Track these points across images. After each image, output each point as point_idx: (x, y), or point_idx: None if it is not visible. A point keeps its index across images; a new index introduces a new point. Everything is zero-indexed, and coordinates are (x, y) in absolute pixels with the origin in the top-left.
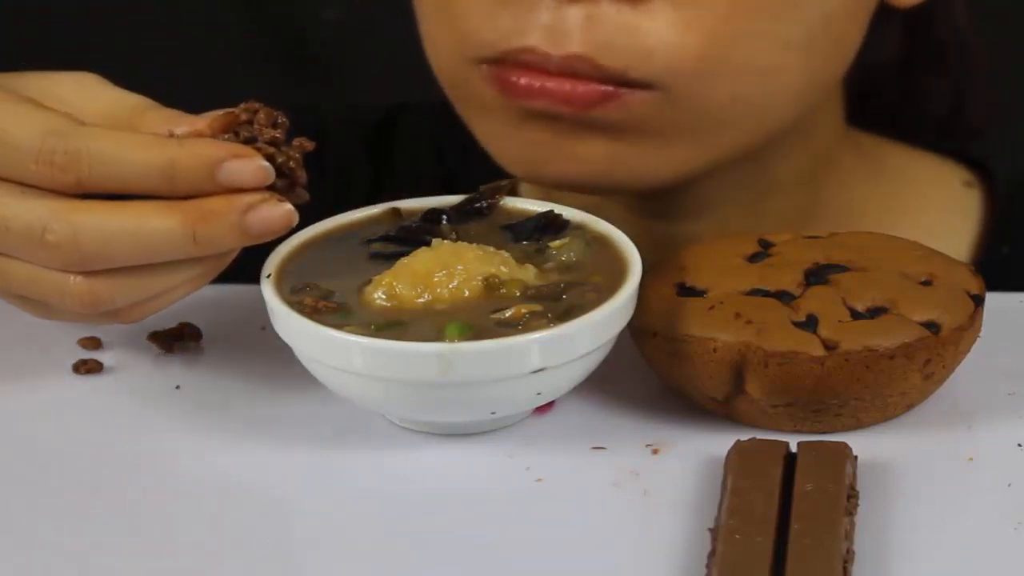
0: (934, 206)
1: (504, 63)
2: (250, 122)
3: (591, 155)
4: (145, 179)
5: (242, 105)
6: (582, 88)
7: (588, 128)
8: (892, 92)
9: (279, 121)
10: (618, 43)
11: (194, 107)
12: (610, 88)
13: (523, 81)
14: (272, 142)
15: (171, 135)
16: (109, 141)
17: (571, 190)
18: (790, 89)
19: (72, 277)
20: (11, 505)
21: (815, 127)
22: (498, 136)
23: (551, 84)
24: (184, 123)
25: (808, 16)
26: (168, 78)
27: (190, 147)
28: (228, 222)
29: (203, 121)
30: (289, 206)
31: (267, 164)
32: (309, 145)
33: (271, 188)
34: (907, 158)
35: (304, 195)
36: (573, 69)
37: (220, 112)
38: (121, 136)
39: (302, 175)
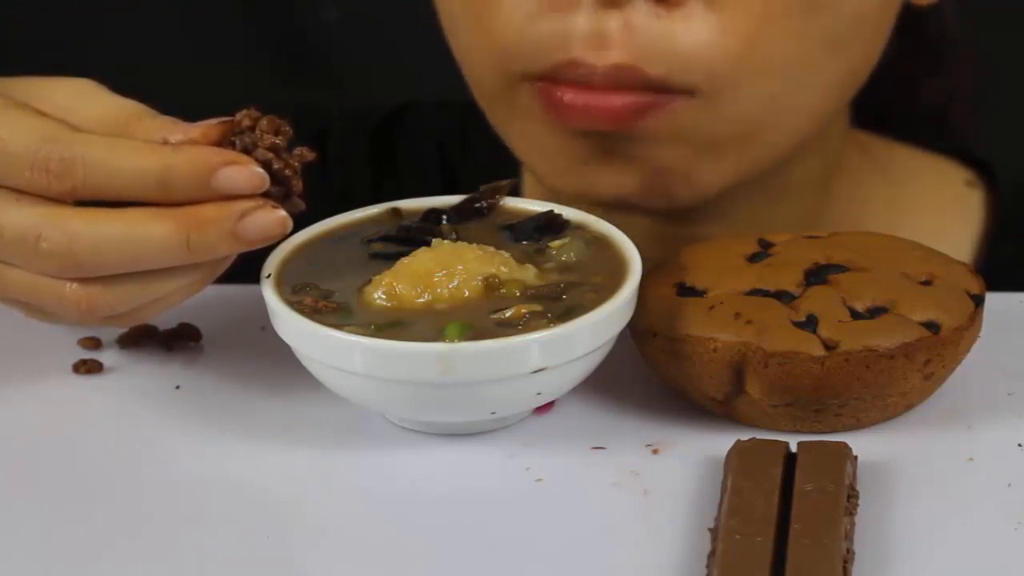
0: (937, 206)
1: (549, 79)
2: (252, 128)
3: (635, 172)
4: (140, 186)
5: (243, 111)
6: (627, 100)
7: (633, 143)
8: (884, 87)
9: (282, 129)
10: (658, 49)
11: (195, 107)
12: (651, 98)
13: (567, 97)
14: (272, 148)
15: (166, 143)
16: (104, 148)
17: (612, 208)
18: (823, 89)
19: (69, 284)
20: (11, 505)
21: (829, 129)
22: (538, 151)
23: (595, 100)
24: (179, 131)
25: (841, 15)
26: (168, 79)
27: (185, 154)
28: (222, 229)
29: (198, 129)
30: (283, 213)
31: (262, 171)
32: (309, 155)
33: (266, 195)
34: (910, 158)
35: (300, 204)
36: (618, 79)
37: (215, 120)
38: (116, 143)
39: (298, 184)
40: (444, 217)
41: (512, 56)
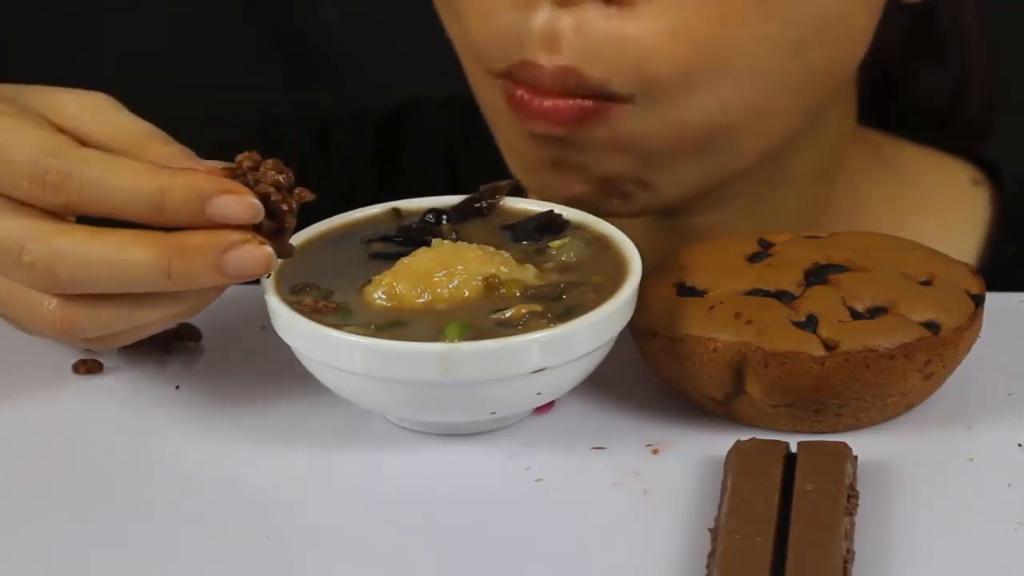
0: (943, 205)
1: (509, 77)
2: (255, 168)
3: (585, 179)
4: (134, 206)
5: (244, 154)
6: (569, 104)
7: (579, 151)
8: (894, 85)
9: (285, 171)
10: (604, 52)
11: (195, 107)
12: (590, 104)
13: (518, 94)
14: (274, 184)
15: (166, 167)
16: (102, 165)
17: (587, 210)
18: (787, 92)
19: (47, 302)
20: (11, 505)
21: (827, 124)
22: (511, 148)
23: (543, 102)
24: (183, 164)
25: (801, 19)
26: (168, 79)
27: (182, 178)
28: (205, 259)
29: (202, 166)
30: (269, 250)
31: (257, 202)
32: (308, 196)
33: (257, 228)
34: (916, 157)
35: (290, 249)
36: (563, 82)
37: (221, 165)
38: (116, 162)
39: (292, 222)
40: (444, 217)
41: (478, 51)
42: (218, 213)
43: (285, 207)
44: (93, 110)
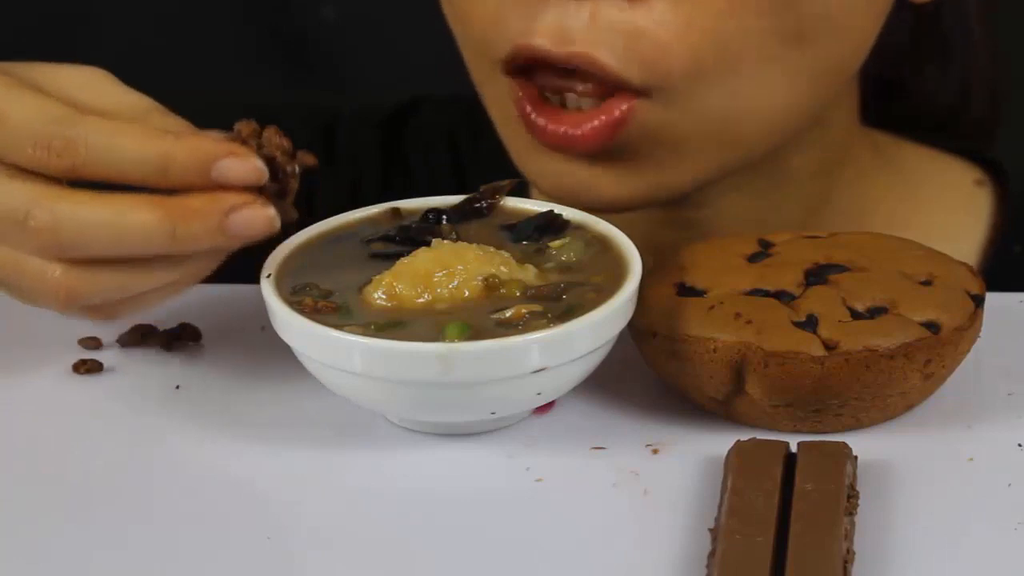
0: (946, 205)
1: (516, 60)
2: (257, 136)
3: (606, 177)
4: (140, 170)
5: (241, 122)
6: (596, 125)
7: (603, 154)
8: (898, 85)
9: (286, 138)
10: (618, 43)
11: (195, 107)
12: (616, 114)
13: (541, 122)
14: (279, 148)
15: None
16: (108, 131)
17: (593, 209)
18: (794, 85)
19: (51, 270)
20: (11, 505)
21: (829, 121)
22: (521, 145)
23: (570, 129)
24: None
25: (806, 11)
26: (169, 77)
27: (187, 142)
28: (209, 221)
29: (203, 135)
30: (272, 211)
31: (261, 164)
32: (311, 160)
33: (260, 191)
34: (920, 157)
35: (293, 213)
36: (574, 67)
37: (221, 134)
38: (120, 126)
39: (294, 184)
40: (444, 217)
41: (483, 44)
42: (222, 176)
43: (289, 169)
44: (90, 84)
